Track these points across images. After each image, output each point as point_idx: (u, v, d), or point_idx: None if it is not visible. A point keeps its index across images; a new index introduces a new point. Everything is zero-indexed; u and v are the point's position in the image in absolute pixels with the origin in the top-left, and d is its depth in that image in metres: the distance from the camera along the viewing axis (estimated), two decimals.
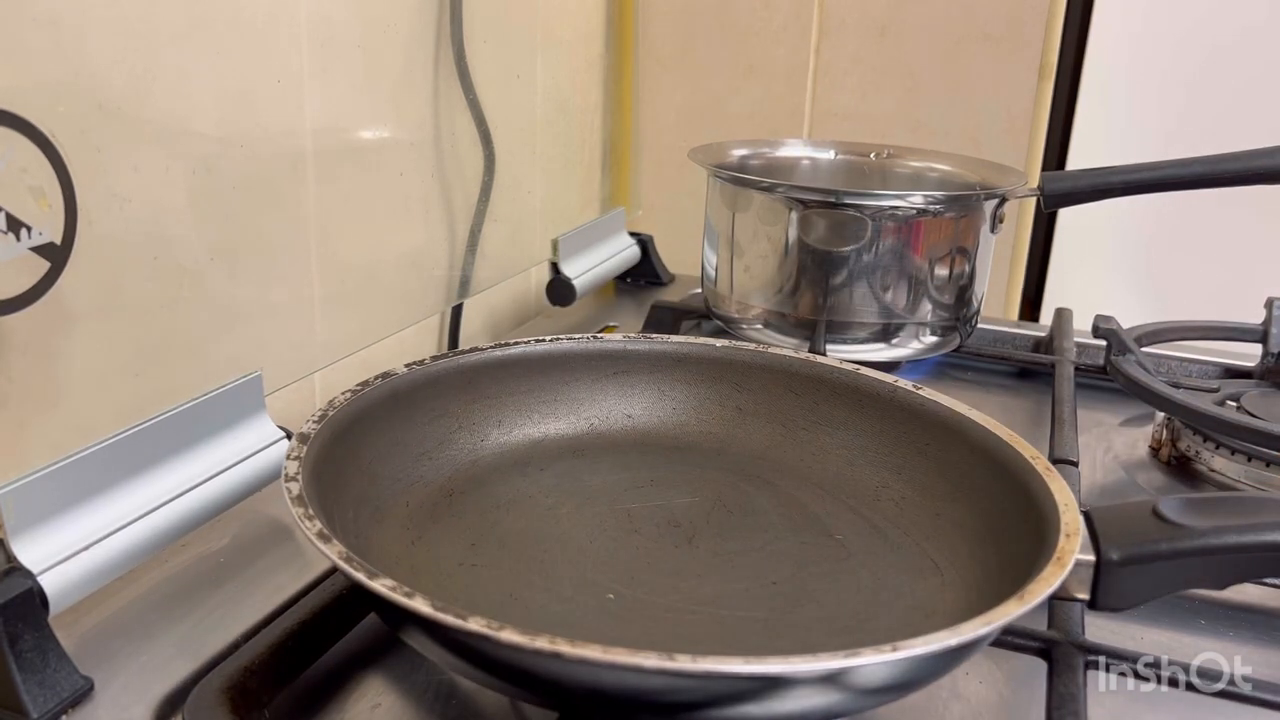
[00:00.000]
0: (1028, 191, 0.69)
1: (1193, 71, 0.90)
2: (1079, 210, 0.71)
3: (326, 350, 0.62)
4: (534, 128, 0.84)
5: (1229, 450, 0.56)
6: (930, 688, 0.38)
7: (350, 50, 0.60)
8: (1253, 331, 0.68)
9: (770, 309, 0.69)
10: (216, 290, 0.52)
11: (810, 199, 0.65)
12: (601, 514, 0.46)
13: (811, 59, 0.97)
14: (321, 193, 0.59)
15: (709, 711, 0.31)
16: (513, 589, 0.41)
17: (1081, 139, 0.94)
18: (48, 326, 0.43)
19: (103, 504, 0.42)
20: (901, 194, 0.67)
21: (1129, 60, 0.92)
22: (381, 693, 0.39)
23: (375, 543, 0.41)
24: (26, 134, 0.41)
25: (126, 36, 0.45)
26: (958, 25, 0.91)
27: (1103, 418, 0.67)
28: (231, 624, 0.41)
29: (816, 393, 0.52)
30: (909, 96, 0.94)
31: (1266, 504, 0.38)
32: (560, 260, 0.82)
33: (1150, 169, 0.66)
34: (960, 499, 0.45)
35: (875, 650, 0.29)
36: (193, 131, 0.50)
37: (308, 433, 0.41)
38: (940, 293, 0.67)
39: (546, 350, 0.53)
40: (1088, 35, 0.92)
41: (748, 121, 0.99)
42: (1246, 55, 0.88)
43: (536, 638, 0.29)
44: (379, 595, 0.31)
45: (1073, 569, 0.35)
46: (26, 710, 0.35)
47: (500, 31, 0.76)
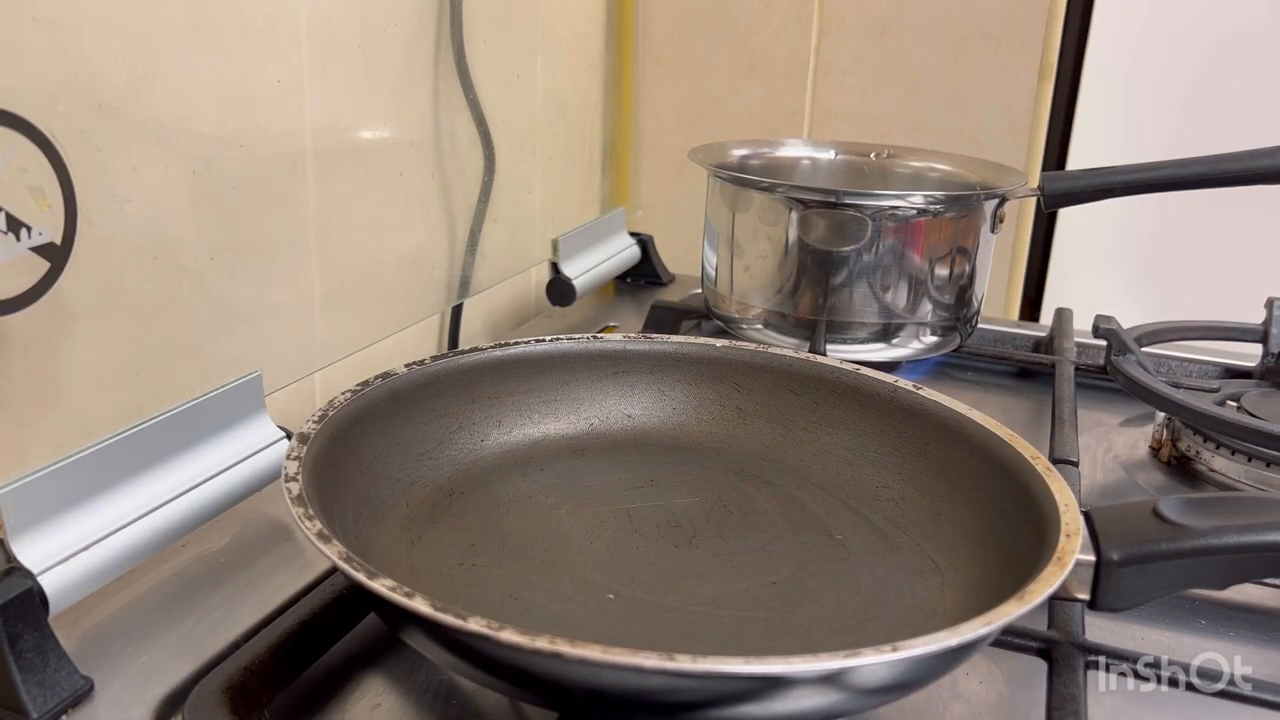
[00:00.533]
0: (1028, 191, 0.69)
1: (1193, 71, 0.90)
2: (1079, 210, 0.71)
3: (326, 350, 0.62)
4: (534, 128, 0.84)
5: (1229, 450, 0.56)
6: (930, 688, 0.38)
7: (350, 50, 0.60)
8: (1253, 331, 0.68)
9: (770, 309, 0.69)
10: (216, 290, 0.52)
11: (810, 199, 0.65)
12: (601, 514, 0.46)
13: (811, 59, 0.97)
14: (321, 193, 0.59)
15: (709, 711, 0.31)
16: (513, 589, 0.41)
17: (1081, 139, 0.94)
18: (48, 326, 0.43)
19: (103, 504, 0.42)
20: (901, 194, 0.67)
21: (1129, 60, 0.92)
22: (381, 693, 0.39)
23: (375, 543, 0.41)
24: (26, 134, 0.41)
25: (126, 36, 0.45)
26: (958, 25, 0.91)
27: (1103, 418, 0.67)
28: (231, 624, 0.41)
29: (816, 393, 0.52)
30: (909, 96, 0.94)
31: (1267, 504, 0.38)
32: (560, 260, 0.82)
33: (1150, 169, 0.66)
34: (960, 499, 0.45)
35: (875, 650, 0.29)
36: (193, 131, 0.50)
37: (308, 433, 0.41)
38: (940, 293, 0.67)
39: (546, 350, 0.53)
40: (1088, 35, 0.92)
41: (748, 121, 0.99)
42: (1246, 55, 0.88)
43: (536, 638, 0.29)
44: (379, 595, 0.31)
45: (1073, 569, 0.35)
46: (26, 710, 0.35)
47: (500, 31, 0.76)
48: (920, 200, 0.66)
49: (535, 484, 0.49)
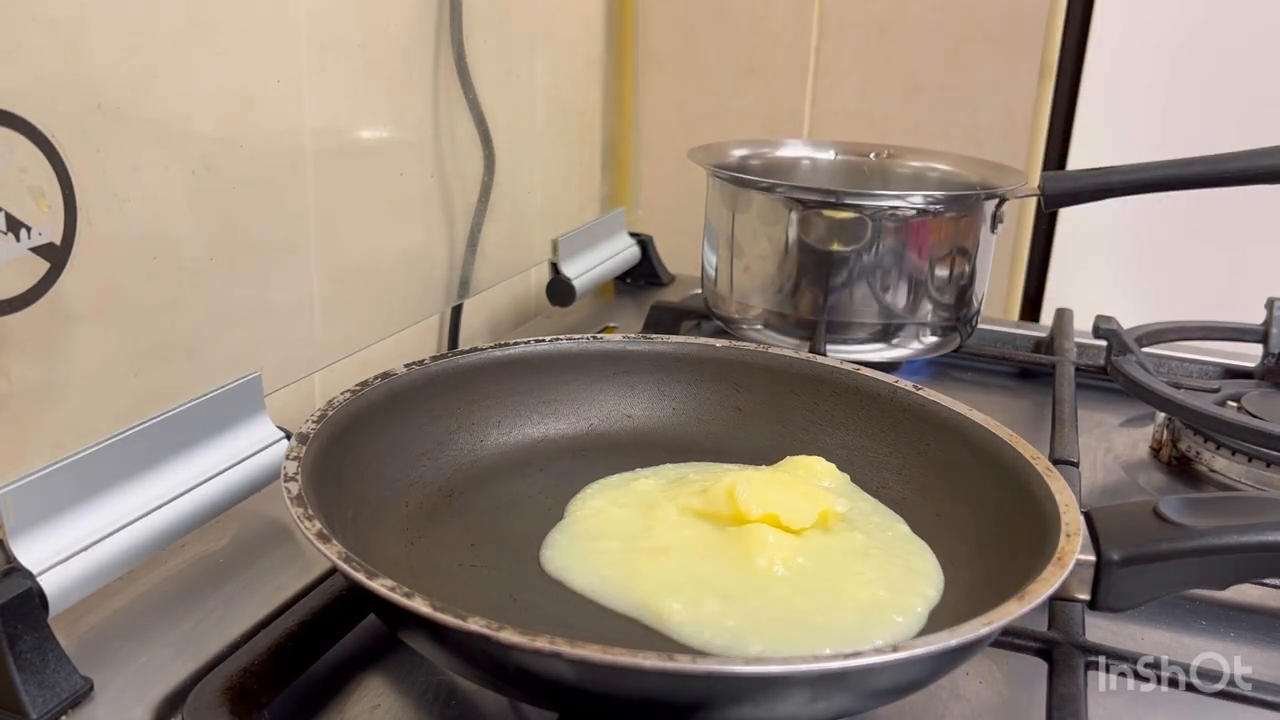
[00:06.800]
0: (1028, 191, 0.69)
1: (1193, 71, 0.90)
2: (1079, 210, 0.71)
3: (326, 350, 0.62)
4: (534, 128, 0.84)
5: (1229, 450, 0.56)
6: (930, 688, 0.38)
7: (350, 50, 0.60)
8: (1253, 331, 0.68)
9: (770, 309, 0.69)
10: (216, 290, 0.52)
11: (810, 199, 0.65)
12: None
13: (811, 59, 0.97)
14: (321, 193, 0.59)
15: (709, 712, 0.31)
16: (513, 589, 0.41)
17: (1081, 139, 0.94)
18: (48, 326, 0.43)
19: (103, 504, 0.42)
20: (901, 194, 0.67)
21: (1129, 60, 0.92)
22: (381, 693, 0.39)
23: (375, 543, 0.41)
24: (26, 134, 0.41)
25: (126, 36, 0.45)
26: (958, 25, 0.91)
27: (1103, 418, 0.67)
28: (231, 624, 0.41)
29: (816, 393, 0.52)
30: (909, 96, 0.94)
31: (1267, 504, 0.38)
32: (560, 260, 0.82)
33: (1150, 169, 0.66)
34: (960, 499, 0.45)
35: (875, 650, 0.29)
36: (193, 131, 0.50)
37: (307, 433, 0.41)
38: (940, 293, 0.67)
39: (546, 350, 0.53)
40: (1088, 35, 0.92)
41: (748, 121, 0.99)
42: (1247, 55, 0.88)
43: (536, 638, 0.29)
44: (378, 595, 0.31)
45: (1073, 569, 0.35)
46: (26, 711, 0.35)
47: (500, 31, 0.76)
48: (920, 200, 0.66)
49: (535, 484, 0.49)
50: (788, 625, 0.37)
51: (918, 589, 0.40)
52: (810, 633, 0.37)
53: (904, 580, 0.41)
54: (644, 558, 0.41)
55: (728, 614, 0.38)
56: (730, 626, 0.37)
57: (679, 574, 0.40)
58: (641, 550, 0.42)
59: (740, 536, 0.41)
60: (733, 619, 0.37)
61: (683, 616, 0.37)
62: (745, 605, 0.38)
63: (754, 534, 0.41)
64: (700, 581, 0.39)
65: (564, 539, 0.44)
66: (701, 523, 0.43)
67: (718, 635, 0.37)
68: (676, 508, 0.44)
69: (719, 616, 0.37)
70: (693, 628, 0.37)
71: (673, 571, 0.40)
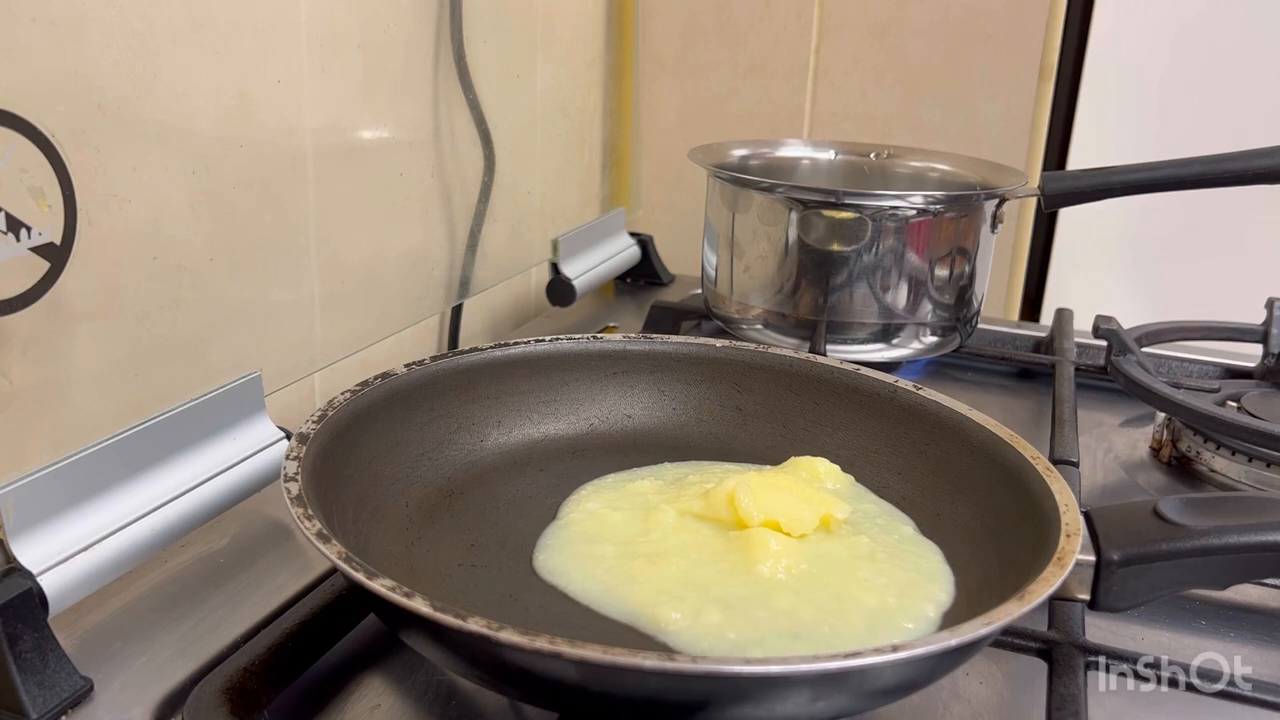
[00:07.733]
0: (1028, 191, 0.69)
1: (1192, 71, 0.90)
2: (1079, 210, 0.71)
3: (326, 350, 0.62)
4: (534, 128, 0.84)
5: (1229, 450, 0.56)
6: (930, 688, 0.38)
7: (350, 50, 0.60)
8: (1253, 331, 0.68)
9: (770, 309, 0.69)
10: (216, 290, 0.52)
11: (810, 199, 0.65)
12: None
13: (811, 59, 0.97)
14: (321, 193, 0.59)
15: (709, 712, 0.31)
16: (512, 589, 0.41)
17: (1081, 139, 0.94)
18: (48, 326, 0.43)
19: (103, 504, 0.42)
20: (901, 194, 0.67)
21: (1129, 60, 0.92)
22: (381, 693, 0.39)
23: (375, 543, 0.41)
24: (26, 134, 0.40)
25: (126, 36, 0.45)
26: (958, 25, 0.91)
27: (1103, 418, 0.67)
28: (231, 624, 0.41)
29: (816, 393, 0.52)
30: (909, 96, 0.94)
31: (1267, 504, 0.38)
32: (560, 260, 0.82)
33: (1150, 169, 0.66)
34: (960, 499, 0.45)
35: (875, 650, 0.29)
36: (193, 131, 0.50)
37: (307, 433, 0.41)
38: (940, 293, 0.67)
39: (546, 350, 0.53)
40: (1088, 35, 0.92)
41: (748, 121, 0.99)
42: (1246, 55, 0.88)
43: (536, 638, 0.29)
44: (378, 595, 0.31)
45: (1073, 569, 0.35)
46: (26, 711, 0.35)
47: (500, 31, 0.76)
48: (920, 200, 0.66)
49: (535, 484, 0.49)
50: (793, 638, 0.36)
51: (928, 593, 0.39)
52: (816, 645, 0.36)
53: (913, 584, 0.40)
54: (641, 563, 0.40)
55: (729, 625, 0.37)
56: (731, 639, 0.36)
57: (678, 580, 0.39)
58: (639, 555, 0.41)
59: (742, 541, 0.41)
60: (734, 630, 0.37)
61: (681, 626, 0.37)
62: (747, 615, 0.37)
63: (756, 539, 0.41)
64: (700, 589, 0.39)
65: (558, 542, 0.43)
66: (701, 526, 0.43)
67: (717, 647, 0.36)
68: (675, 511, 0.44)
69: (719, 627, 0.37)
70: (691, 638, 0.36)
71: (671, 578, 0.39)
